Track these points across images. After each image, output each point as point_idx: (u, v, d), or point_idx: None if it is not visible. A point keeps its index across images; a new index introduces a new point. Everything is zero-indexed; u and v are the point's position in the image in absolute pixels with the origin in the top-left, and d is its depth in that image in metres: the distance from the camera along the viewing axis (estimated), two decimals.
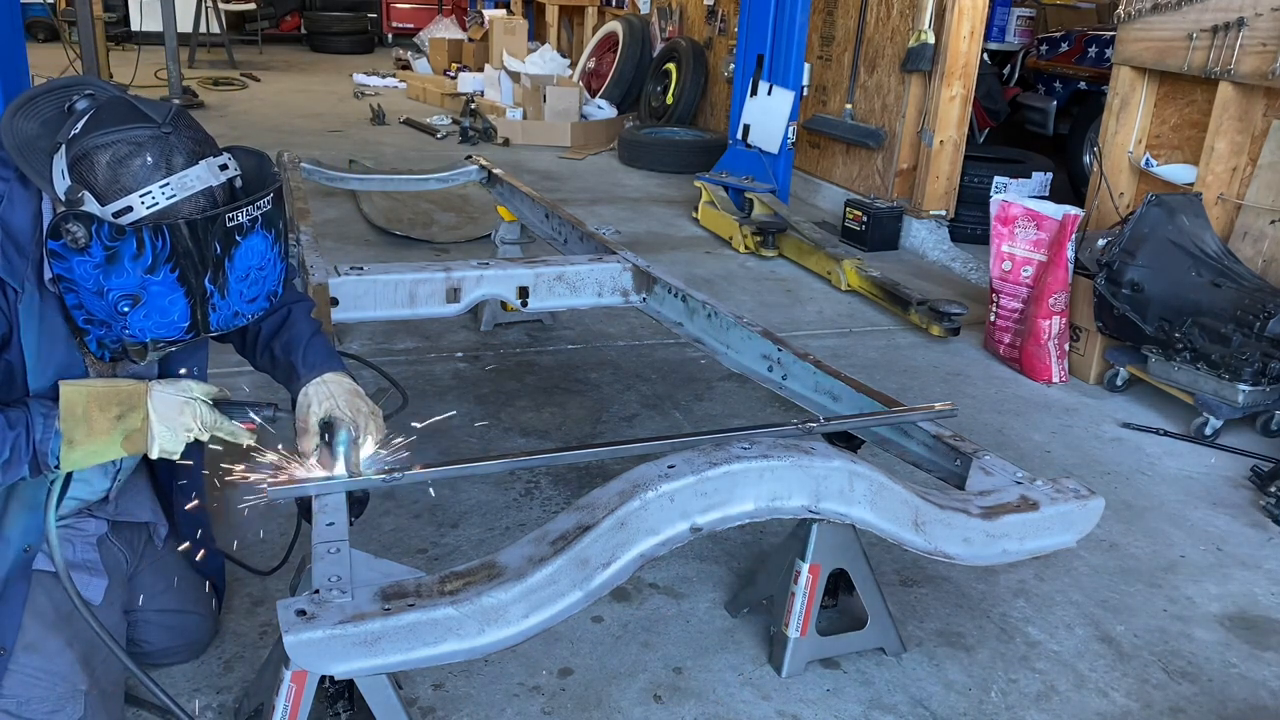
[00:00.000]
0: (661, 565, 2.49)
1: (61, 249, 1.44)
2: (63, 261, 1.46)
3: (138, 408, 1.60)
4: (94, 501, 1.86)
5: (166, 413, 1.62)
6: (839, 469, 1.83)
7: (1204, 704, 2.18)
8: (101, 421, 1.56)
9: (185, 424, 1.63)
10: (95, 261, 1.44)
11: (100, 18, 8.06)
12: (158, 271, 1.45)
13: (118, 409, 1.58)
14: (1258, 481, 3.13)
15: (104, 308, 1.49)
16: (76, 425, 1.54)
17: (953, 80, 5.44)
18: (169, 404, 1.62)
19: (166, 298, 1.48)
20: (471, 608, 1.52)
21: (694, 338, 2.89)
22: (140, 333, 1.53)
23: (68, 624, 1.71)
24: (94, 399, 1.56)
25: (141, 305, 1.48)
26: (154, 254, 1.44)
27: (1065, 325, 3.86)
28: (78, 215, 1.42)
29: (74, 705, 1.69)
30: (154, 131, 1.46)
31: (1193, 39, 3.75)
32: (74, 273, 1.46)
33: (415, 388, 3.45)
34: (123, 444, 1.60)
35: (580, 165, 7.70)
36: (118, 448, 1.60)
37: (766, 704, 2.08)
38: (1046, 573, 2.60)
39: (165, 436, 1.62)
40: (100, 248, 1.43)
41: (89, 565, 1.83)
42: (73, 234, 1.42)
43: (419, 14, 14.85)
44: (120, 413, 1.58)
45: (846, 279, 4.80)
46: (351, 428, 1.75)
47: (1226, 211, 3.77)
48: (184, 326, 1.53)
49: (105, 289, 1.46)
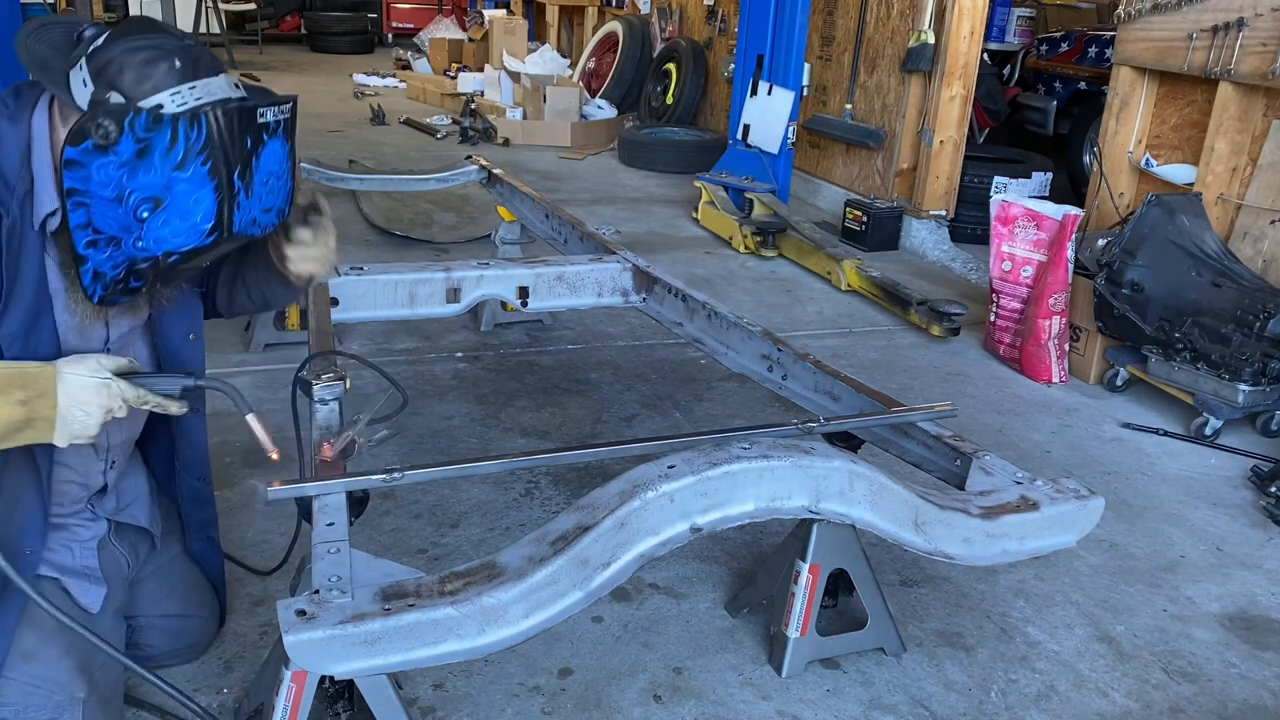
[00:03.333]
0: (661, 565, 2.49)
1: (82, 154, 1.41)
2: (80, 170, 1.42)
3: (45, 393, 1.47)
4: (94, 491, 1.83)
5: (80, 395, 1.50)
6: (839, 469, 1.84)
7: (1204, 704, 2.18)
8: (4, 407, 1.44)
9: (103, 404, 1.52)
10: (122, 159, 1.42)
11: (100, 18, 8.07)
12: (187, 166, 1.43)
13: (21, 393, 1.45)
14: (1258, 481, 3.13)
15: (120, 216, 1.45)
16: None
17: (953, 80, 5.44)
18: (82, 386, 1.50)
19: (192, 196, 1.45)
20: (471, 608, 1.52)
21: (694, 338, 2.89)
22: (156, 243, 1.48)
23: (66, 631, 1.68)
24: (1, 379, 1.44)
25: (164, 209, 1.45)
26: (186, 146, 1.43)
27: (1065, 325, 3.86)
28: (109, 110, 1.40)
29: (71, 713, 1.68)
30: (179, 43, 1.48)
31: (1193, 39, 3.75)
32: (91, 180, 1.43)
33: (415, 388, 3.45)
34: (26, 433, 1.47)
35: (580, 165, 7.70)
36: (21, 436, 1.47)
37: (766, 704, 2.08)
38: (1046, 573, 2.60)
39: (78, 422, 1.50)
40: (131, 141, 1.41)
41: (88, 572, 1.80)
42: (104, 129, 1.40)
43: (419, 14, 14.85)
44: (24, 398, 1.45)
45: (846, 279, 4.80)
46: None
47: (1226, 211, 3.77)
48: (206, 228, 1.48)
49: (126, 192, 1.43)
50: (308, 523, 1.68)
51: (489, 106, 8.77)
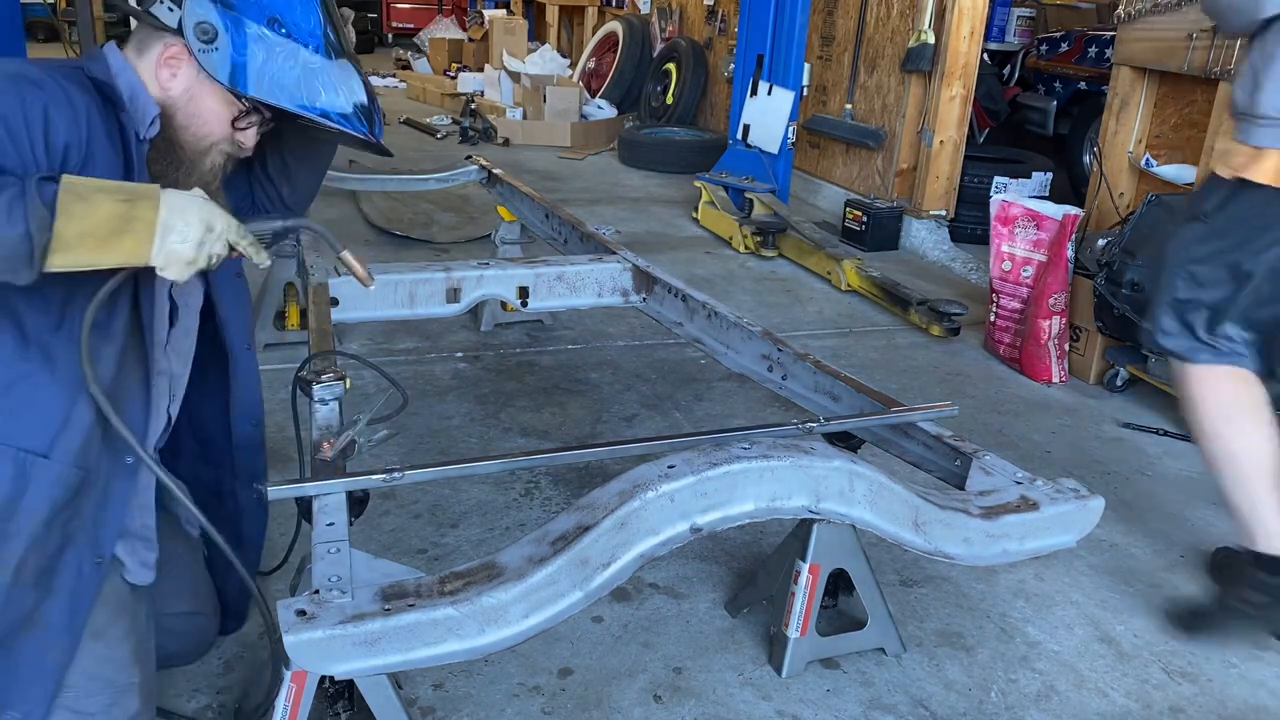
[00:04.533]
0: (661, 565, 2.49)
1: (215, 40, 1.57)
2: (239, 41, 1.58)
3: (148, 196, 1.42)
4: (161, 428, 1.77)
5: (182, 205, 1.44)
6: (839, 469, 1.84)
7: (1204, 704, 2.18)
8: (104, 203, 1.37)
9: (204, 219, 1.45)
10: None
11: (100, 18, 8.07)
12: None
13: (124, 194, 1.40)
14: None
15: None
16: (76, 200, 1.35)
17: (953, 80, 5.44)
18: (184, 199, 1.46)
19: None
20: (471, 608, 1.52)
21: (694, 338, 2.89)
22: (310, 32, 1.62)
23: (129, 610, 1.66)
24: (97, 185, 1.40)
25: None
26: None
27: (1065, 325, 3.86)
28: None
29: (129, 697, 1.64)
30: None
31: (1193, 39, 3.75)
32: (244, 44, 1.58)
33: (415, 388, 3.45)
34: (125, 238, 1.39)
35: (580, 165, 7.70)
36: (119, 241, 1.39)
37: (766, 704, 2.08)
38: (1046, 573, 2.60)
39: (177, 233, 1.43)
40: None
41: (145, 534, 1.72)
42: (206, 25, 1.56)
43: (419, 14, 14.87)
44: (128, 196, 1.40)
45: (846, 279, 4.80)
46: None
47: None
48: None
49: (258, 27, 1.59)
50: (308, 523, 1.68)
51: (489, 106, 8.77)
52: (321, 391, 1.98)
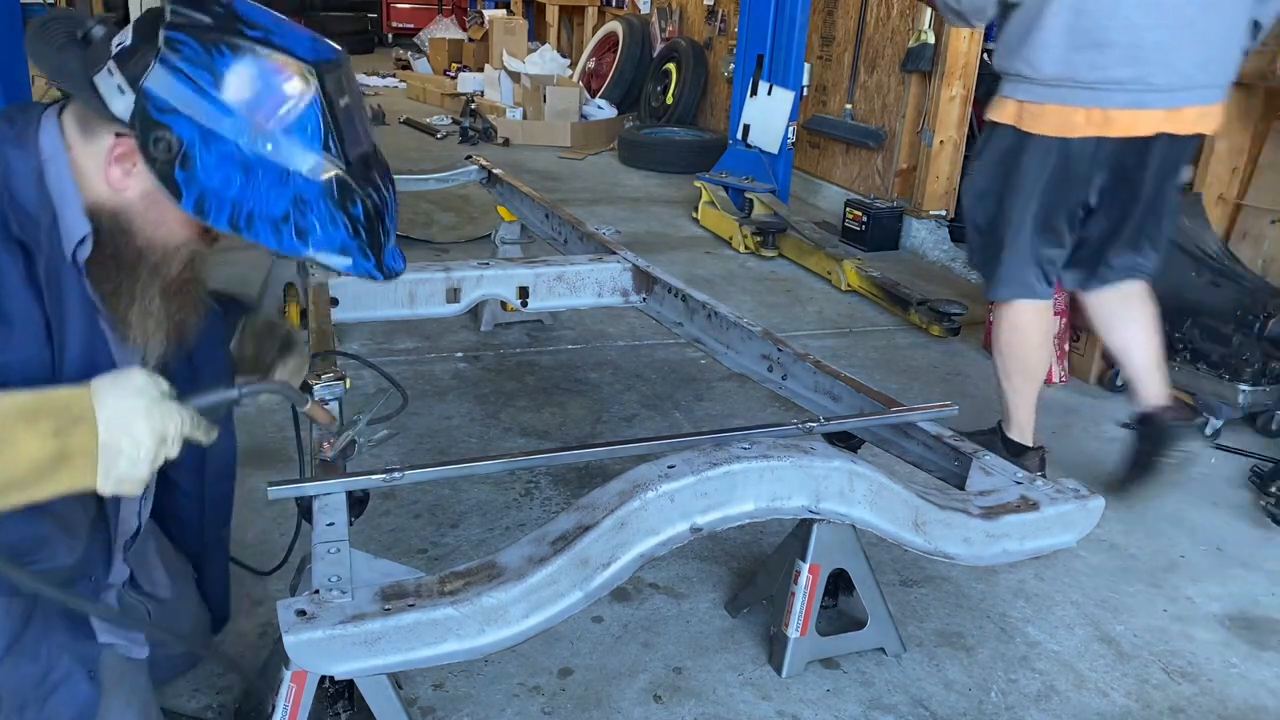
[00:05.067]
0: (661, 565, 2.49)
1: (183, 170, 1.24)
2: (196, 175, 1.25)
3: (82, 419, 1.15)
4: (130, 534, 1.61)
5: (126, 420, 1.17)
6: (839, 469, 1.83)
7: (1204, 704, 2.18)
8: (29, 443, 1.11)
9: (156, 429, 1.20)
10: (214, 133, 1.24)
11: None
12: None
13: (50, 422, 1.13)
14: (1258, 481, 3.12)
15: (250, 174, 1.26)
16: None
17: (953, 80, 5.44)
18: (129, 408, 1.18)
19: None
20: (471, 608, 1.52)
21: (694, 338, 2.89)
22: (303, 147, 1.28)
23: (124, 682, 1.56)
24: (18, 411, 1.12)
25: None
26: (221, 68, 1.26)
27: (1065, 325, 3.85)
28: (157, 123, 1.23)
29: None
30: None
31: None
32: (211, 178, 1.25)
33: (415, 388, 3.45)
34: (61, 474, 1.15)
35: (580, 165, 7.70)
36: (54, 478, 1.14)
37: (766, 704, 2.08)
38: (1046, 573, 2.60)
39: (125, 455, 1.18)
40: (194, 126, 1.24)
41: (132, 635, 1.60)
42: (165, 141, 1.24)
43: (419, 14, 14.86)
44: (55, 427, 1.13)
45: (846, 279, 4.80)
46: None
47: (1226, 211, 3.77)
48: (295, 82, 1.27)
49: (233, 142, 1.26)
50: (308, 523, 1.68)
51: (489, 106, 8.77)
52: (321, 391, 1.98)
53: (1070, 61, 2.52)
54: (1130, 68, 2.49)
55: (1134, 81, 2.51)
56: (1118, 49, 2.47)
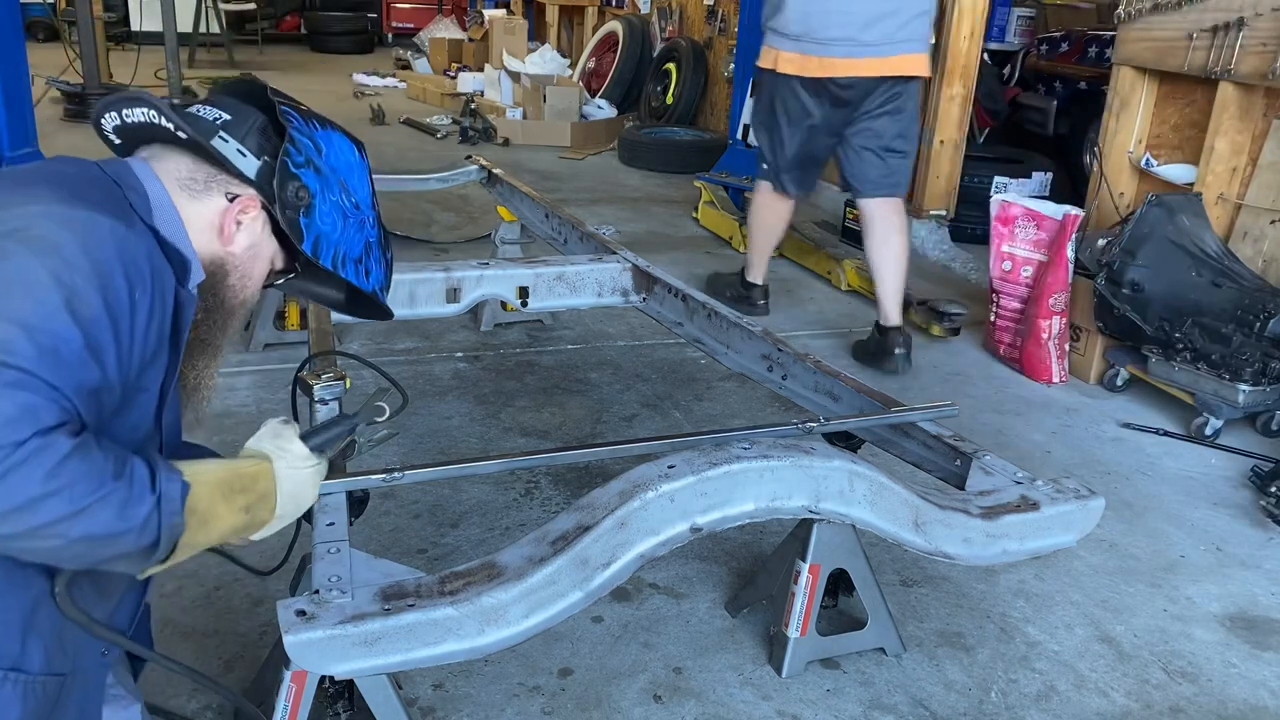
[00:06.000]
0: (661, 565, 2.49)
1: (305, 222, 1.41)
2: (318, 234, 1.44)
3: (267, 495, 1.32)
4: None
5: (298, 491, 1.37)
6: (839, 469, 1.84)
7: (1204, 704, 2.18)
8: (227, 519, 1.26)
9: (314, 496, 1.40)
10: (319, 190, 1.44)
11: (100, 18, 8.08)
12: (334, 145, 1.51)
13: (244, 499, 1.28)
14: (1258, 481, 3.12)
15: (348, 216, 1.49)
16: (200, 524, 1.21)
17: (953, 80, 5.43)
18: (301, 481, 1.37)
19: (348, 159, 1.53)
20: (471, 608, 1.52)
21: (694, 338, 2.89)
22: (366, 201, 1.55)
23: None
24: (219, 489, 1.25)
25: (350, 184, 1.52)
26: (329, 138, 1.51)
27: (1065, 325, 3.85)
28: (287, 171, 1.39)
29: None
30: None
31: (1193, 39, 3.75)
32: (324, 231, 1.45)
33: (415, 388, 3.45)
34: (233, 537, 1.31)
35: (580, 165, 7.69)
36: (225, 539, 1.29)
37: (766, 704, 2.08)
38: (1046, 573, 2.60)
39: (288, 518, 1.37)
40: (313, 173, 1.43)
41: (116, 693, 1.50)
42: (297, 187, 1.40)
43: (419, 14, 14.84)
44: (247, 503, 1.28)
45: (847, 279, 4.80)
46: None
47: (1226, 211, 3.77)
48: (358, 152, 1.56)
49: (341, 206, 1.48)
50: (308, 523, 1.68)
51: (489, 106, 8.77)
52: (321, 391, 1.98)
53: (807, 24, 3.67)
54: (845, 30, 3.61)
55: (848, 40, 3.63)
56: (836, 15, 3.62)
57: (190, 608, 2.24)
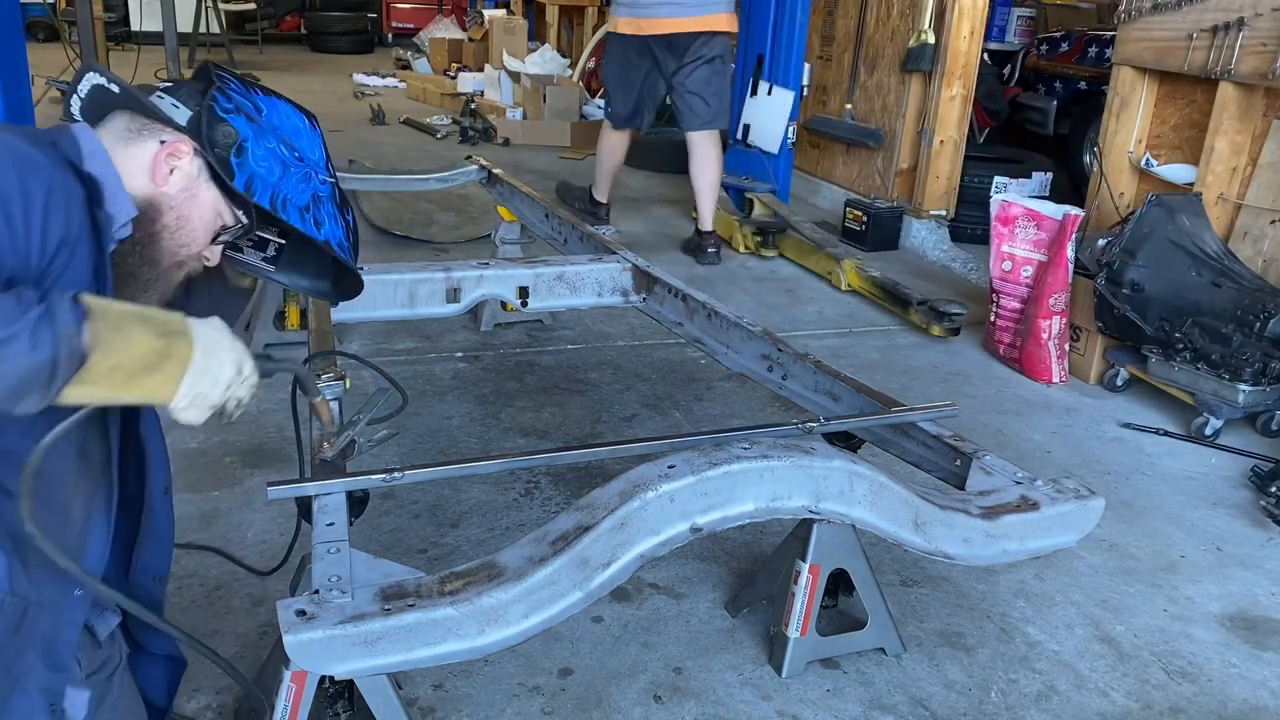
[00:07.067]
0: (661, 565, 2.49)
1: (238, 163, 1.48)
2: (257, 180, 1.50)
3: (181, 332, 1.28)
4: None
5: (215, 344, 1.31)
6: (839, 469, 1.84)
7: (1204, 704, 2.18)
8: (139, 336, 1.23)
9: (235, 362, 1.32)
10: (250, 133, 1.51)
11: (100, 18, 8.07)
12: (265, 105, 1.58)
13: (157, 327, 1.26)
14: (1258, 481, 3.13)
15: (287, 162, 1.55)
16: (111, 331, 1.19)
17: (953, 80, 5.44)
18: (218, 338, 1.32)
19: (281, 116, 1.60)
20: (471, 608, 1.52)
21: (694, 338, 2.89)
22: (315, 162, 1.60)
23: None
24: (126, 312, 1.24)
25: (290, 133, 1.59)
26: (252, 92, 1.58)
27: (1065, 325, 3.86)
28: (214, 116, 1.46)
29: None
30: None
31: (1193, 39, 3.75)
32: (258, 173, 1.50)
33: (415, 388, 3.45)
34: (154, 375, 1.24)
35: (580, 165, 7.69)
36: (146, 379, 1.24)
37: (766, 704, 2.08)
38: (1046, 573, 2.60)
39: (210, 378, 1.29)
40: (243, 120, 1.51)
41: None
42: (226, 131, 1.47)
43: (419, 14, 14.84)
44: (161, 331, 1.25)
45: (846, 279, 4.80)
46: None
47: (1226, 211, 3.77)
48: (307, 121, 1.64)
49: (280, 150, 1.54)
50: (308, 523, 1.68)
51: (489, 106, 8.77)
52: (321, 391, 1.98)
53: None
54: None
55: (668, 3, 4.77)
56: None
57: (190, 608, 2.24)
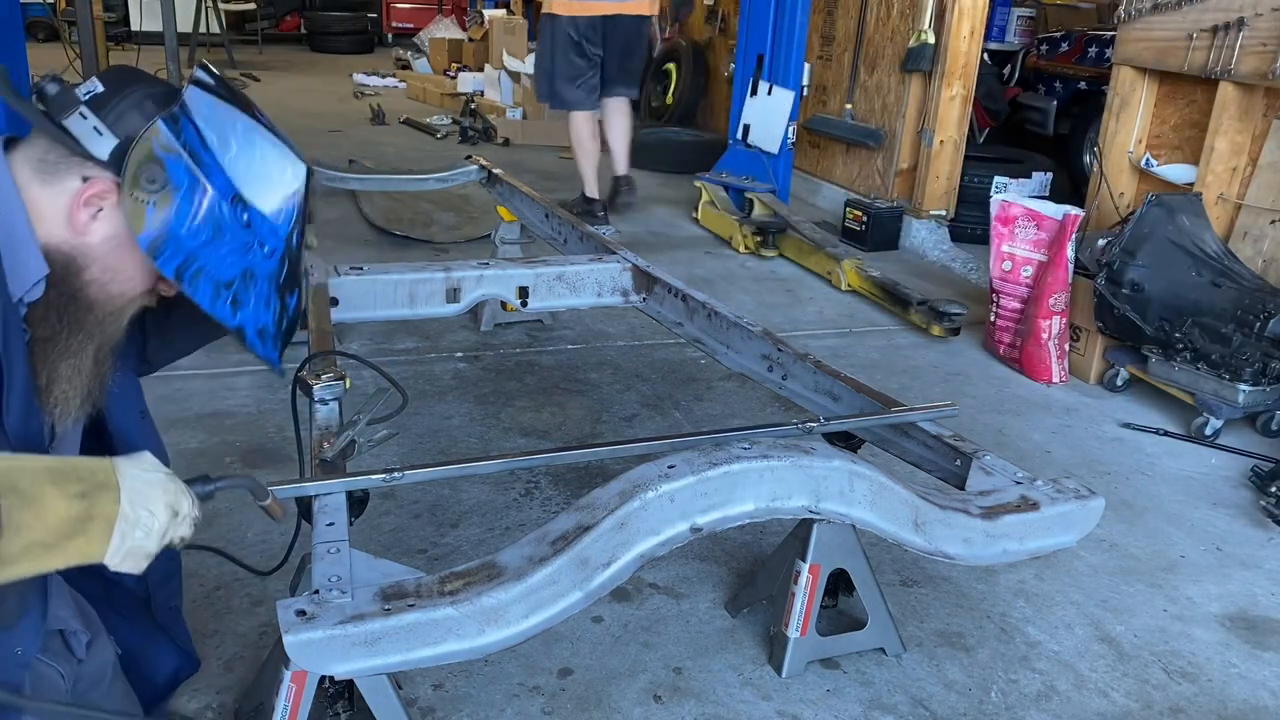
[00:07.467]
0: (661, 565, 2.49)
1: (158, 223, 1.25)
2: (170, 242, 1.27)
3: (106, 485, 1.16)
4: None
5: (146, 493, 1.19)
6: (839, 469, 1.83)
7: (1204, 704, 2.18)
8: (57, 503, 1.11)
9: (170, 505, 1.22)
10: (187, 188, 1.27)
11: (100, 18, 8.06)
12: (228, 137, 1.31)
13: (78, 485, 1.14)
14: (1258, 481, 3.13)
15: (231, 242, 1.31)
16: (24, 506, 1.09)
17: (953, 80, 5.44)
18: (147, 482, 1.20)
19: (257, 155, 1.33)
20: (471, 608, 1.52)
21: (694, 338, 2.89)
22: (273, 229, 1.34)
23: None
24: (45, 474, 1.13)
25: (251, 193, 1.32)
26: (217, 122, 1.31)
27: (1065, 325, 3.86)
28: (148, 154, 1.24)
29: None
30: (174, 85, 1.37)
31: (1193, 39, 3.75)
32: (183, 240, 1.27)
33: (415, 388, 3.45)
34: (78, 540, 1.14)
35: None
36: (70, 544, 1.13)
37: (766, 704, 2.08)
38: (1046, 573, 2.60)
39: (141, 527, 1.18)
40: (181, 165, 1.27)
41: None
42: (152, 172, 1.24)
43: (419, 14, 14.85)
44: (82, 490, 1.14)
45: (846, 279, 4.80)
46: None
47: (1226, 211, 3.77)
48: (290, 166, 1.36)
49: (216, 215, 1.29)
50: (308, 523, 1.68)
51: (489, 106, 8.77)
52: (321, 391, 1.98)
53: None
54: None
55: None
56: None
57: (190, 608, 2.24)
